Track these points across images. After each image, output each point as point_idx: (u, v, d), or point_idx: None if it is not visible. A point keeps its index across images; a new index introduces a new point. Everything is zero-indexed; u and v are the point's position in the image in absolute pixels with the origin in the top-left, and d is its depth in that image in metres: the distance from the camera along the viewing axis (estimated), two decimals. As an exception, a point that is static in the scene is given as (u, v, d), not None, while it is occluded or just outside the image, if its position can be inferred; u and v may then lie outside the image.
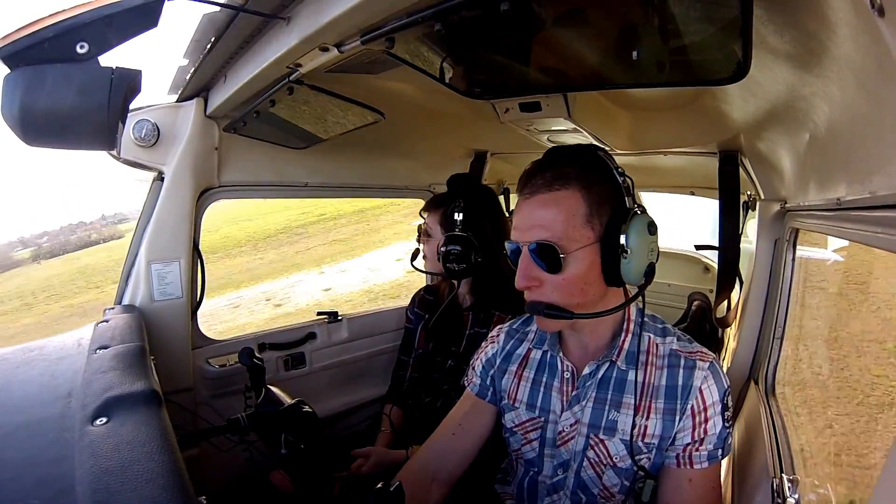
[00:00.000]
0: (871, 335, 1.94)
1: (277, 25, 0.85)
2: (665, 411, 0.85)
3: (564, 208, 0.80)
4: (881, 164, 0.56)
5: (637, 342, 0.89)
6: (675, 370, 0.86)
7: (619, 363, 0.89)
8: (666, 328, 0.93)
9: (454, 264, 1.40)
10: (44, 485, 0.56)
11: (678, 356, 0.88)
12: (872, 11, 0.40)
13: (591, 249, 0.81)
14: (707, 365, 0.86)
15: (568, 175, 0.81)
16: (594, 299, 0.85)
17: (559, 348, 0.96)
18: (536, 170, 0.84)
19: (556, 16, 0.65)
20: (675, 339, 0.91)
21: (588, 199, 0.81)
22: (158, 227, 1.39)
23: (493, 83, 0.94)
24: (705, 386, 0.84)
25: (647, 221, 0.81)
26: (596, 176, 0.82)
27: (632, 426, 0.86)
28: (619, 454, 0.87)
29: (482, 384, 1.05)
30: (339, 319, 1.88)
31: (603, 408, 0.89)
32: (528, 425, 0.97)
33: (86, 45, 0.67)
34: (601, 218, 0.81)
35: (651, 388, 0.87)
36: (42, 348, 1.00)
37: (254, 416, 1.07)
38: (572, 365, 0.94)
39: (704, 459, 0.84)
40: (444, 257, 1.41)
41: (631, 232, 0.79)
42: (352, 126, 1.34)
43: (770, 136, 1.09)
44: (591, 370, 0.91)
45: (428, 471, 1.00)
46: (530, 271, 0.82)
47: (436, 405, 1.50)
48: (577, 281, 0.81)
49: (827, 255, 1.75)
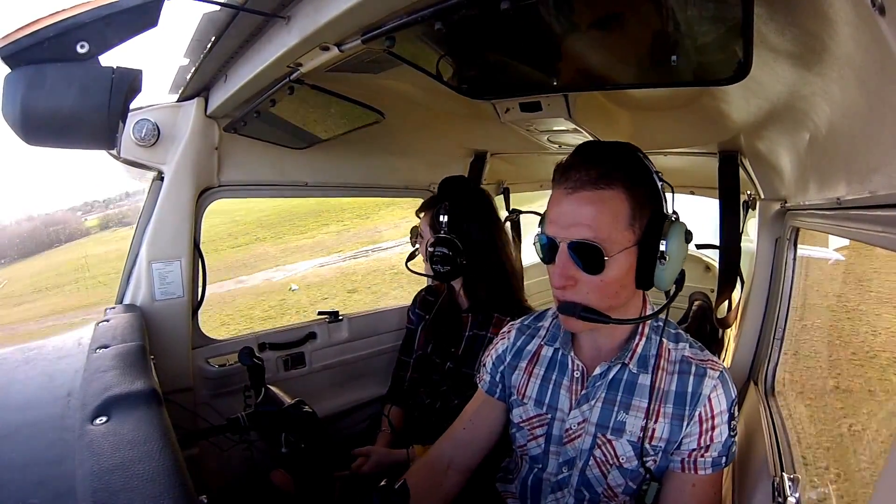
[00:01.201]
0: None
1: (278, 25, 0.85)
2: (673, 416, 0.86)
3: (610, 208, 0.78)
4: (881, 163, 0.56)
5: (651, 346, 0.90)
6: (686, 377, 0.87)
7: (630, 366, 0.89)
8: (679, 334, 0.93)
9: (439, 266, 1.42)
10: (44, 485, 0.56)
11: (689, 363, 0.88)
12: (873, 10, 0.40)
13: (630, 252, 0.79)
14: (717, 374, 0.86)
15: (614, 175, 0.78)
16: (624, 302, 0.85)
17: (571, 347, 0.96)
18: (580, 164, 0.80)
19: (556, 15, 0.65)
20: (687, 345, 0.91)
21: (632, 201, 0.79)
22: (159, 226, 1.39)
23: (494, 83, 0.94)
24: (714, 395, 0.85)
25: (685, 229, 0.80)
26: (639, 177, 0.81)
27: (640, 428, 0.86)
28: (626, 455, 0.88)
29: (491, 381, 1.06)
30: (340, 319, 1.88)
31: (612, 409, 0.89)
32: (534, 421, 0.97)
33: (86, 45, 0.67)
34: (641, 221, 0.80)
35: (661, 392, 0.87)
36: (42, 348, 1.00)
37: (254, 415, 1.07)
38: (583, 364, 0.94)
39: (709, 466, 0.85)
40: (429, 259, 1.44)
41: (671, 238, 0.78)
42: (352, 126, 1.34)
43: (770, 135, 1.09)
44: (602, 371, 0.90)
45: (444, 458, 1.04)
46: (568, 270, 0.80)
47: (435, 406, 1.50)
48: (615, 284, 0.80)
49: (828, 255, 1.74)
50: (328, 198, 1.89)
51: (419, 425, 1.52)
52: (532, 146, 1.58)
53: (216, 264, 12.53)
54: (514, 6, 0.58)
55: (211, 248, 13.75)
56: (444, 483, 1.02)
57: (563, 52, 0.75)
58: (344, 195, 1.91)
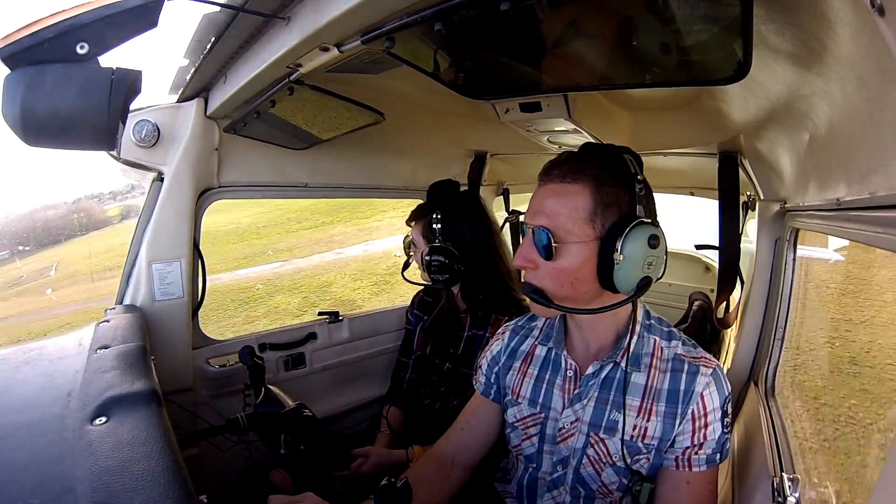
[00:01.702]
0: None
1: (277, 25, 0.85)
2: (666, 414, 0.86)
3: (571, 201, 0.82)
4: (881, 164, 0.56)
5: (643, 345, 0.90)
6: (679, 374, 0.87)
7: (623, 364, 0.89)
8: (672, 332, 0.93)
9: (437, 275, 1.41)
10: (44, 485, 0.56)
11: (682, 361, 0.88)
12: (872, 11, 0.40)
13: (587, 247, 0.81)
14: (710, 371, 0.86)
15: (583, 170, 0.82)
16: (585, 297, 0.85)
17: (564, 346, 0.96)
18: (559, 160, 0.87)
19: (556, 16, 0.65)
20: (679, 342, 0.91)
21: (596, 198, 0.81)
22: (159, 227, 1.39)
23: (494, 83, 0.94)
24: (707, 392, 0.85)
25: (651, 234, 0.79)
26: (611, 177, 0.82)
27: (633, 427, 0.87)
28: (619, 453, 0.88)
29: (486, 382, 1.07)
30: (340, 319, 1.88)
31: (604, 408, 0.90)
32: (528, 421, 0.98)
33: (86, 46, 0.67)
34: (605, 219, 0.81)
35: (654, 390, 0.87)
36: (42, 348, 1.00)
37: (253, 415, 1.07)
38: (575, 363, 0.94)
39: (703, 463, 0.85)
40: (426, 268, 1.42)
41: (629, 240, 0.78)
42: (352, 126, 1.34)
43: (770, 136, 1.09)
44: (595, 370, 0.91)
45: (447, 455, 1.06)
46: (529, 253, 0.85)
47: (434, 407, 1.50)
48: (567, 274, 0.83)
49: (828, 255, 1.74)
50: (328, 198, 1.89)
51: (418, 426, 1.52)
52: (532, 147, 1.58)
53: (299, 242, 13.23)
54: (513, 7, 0.58)
55: (283, 229, 14.27)
56: (451, 474, 1.04)
57: (562, 52, 0.75)
58: (344, 196, 1.91)
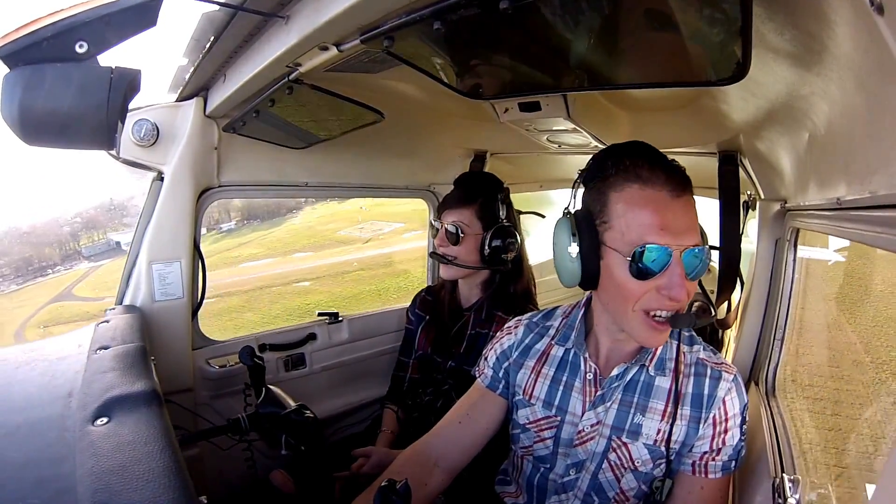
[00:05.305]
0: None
1: (276, 24, 0.85)
2: (691, 418, 0.86)
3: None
4: (881, 163, 0.56)
5: (668, 349, 0.91)
6: (702, 379, 0.88)
7: (650, 368, 0.90)
8: (693, 336, 0.94)
9: (507, 254, 1.39)
10: (44, 485, 0.56)
11: (705, 365, 0.89)
12: (872, 10, 0.40)
13: None
14: (731, 377, 0.88)
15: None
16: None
17: (585, 348, 0.94)
18: (669, 166, 0.91)
19: (555, 15, 0.65)
20: (701, 347, 0.92)
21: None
22: (159, 227, 1.39)
23: (493, 83, 0.94)
24: (729, 398, 0.86)
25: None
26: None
27: (657, 431, 0.87)
28: (642, 458, 0.88)
29: (494, 375, 1.03)
30: (340, 320, 1.88)
31: (628, 411, 0.89)
32: (542, 423, 0.96)
33: (85, 45, 0.67)
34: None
35: (678, 395, 0.88)
36: (42, 349, 1.00)
37: (254, 416, 1.07)
38: (596, 366, 0.93)
39: (719, 470, 0.86)
40: (494, 251, 1.39)
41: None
42: (352, 126, 1.34)
43: (770, 135, 1.08)
44: (620, 372, 0.90)
45: (431, 455, 1.00)
46: (691, 287, 0.82)
47: (436, 405, 1.50)
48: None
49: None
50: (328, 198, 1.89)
51: (420, 425, 1.52)
52: (532, 146, 1.58)
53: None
54: (512, 6, 0.58)
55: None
56: (429, 481, 0.98)
57: (562, 51, 0.75)
58: (343, 195, 1.91)
